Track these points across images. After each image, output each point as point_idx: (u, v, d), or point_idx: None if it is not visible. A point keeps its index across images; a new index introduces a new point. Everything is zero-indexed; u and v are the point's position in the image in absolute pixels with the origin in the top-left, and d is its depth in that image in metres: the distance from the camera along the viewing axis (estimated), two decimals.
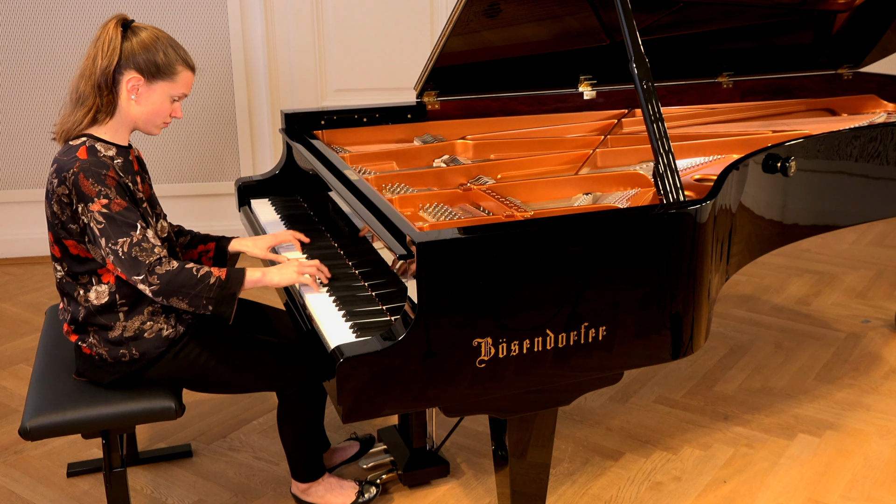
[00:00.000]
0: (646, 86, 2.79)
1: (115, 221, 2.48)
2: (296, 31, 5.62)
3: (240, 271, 2.61)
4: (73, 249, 2.60)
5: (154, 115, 2.65)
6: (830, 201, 3.46)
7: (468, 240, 2.30)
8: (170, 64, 2.61)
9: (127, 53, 2.57)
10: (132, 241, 2.48)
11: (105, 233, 2.48)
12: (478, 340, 2.33)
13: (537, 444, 2.67)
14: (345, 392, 2.27)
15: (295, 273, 2.71)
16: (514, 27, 3.52)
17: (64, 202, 2.53)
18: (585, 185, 3.11)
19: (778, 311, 4.86)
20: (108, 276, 2.63)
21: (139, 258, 2.48)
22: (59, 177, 2.52)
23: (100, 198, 2.48)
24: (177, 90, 2.66)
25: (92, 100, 2.59)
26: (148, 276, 2.48)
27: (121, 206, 2.50)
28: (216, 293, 2.55)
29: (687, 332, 2.62)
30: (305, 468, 3.08)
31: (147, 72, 2.59)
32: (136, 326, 2.65)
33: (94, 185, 2.48)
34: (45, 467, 3.44)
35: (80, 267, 2.63)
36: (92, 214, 2.48)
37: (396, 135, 3.65)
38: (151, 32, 2.61)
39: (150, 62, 2.58)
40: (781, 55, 4.27)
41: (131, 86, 2.59)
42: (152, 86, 2.61)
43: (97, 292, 2.64)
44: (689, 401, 3.90)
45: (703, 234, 2.58)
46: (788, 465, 3.42)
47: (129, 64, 2.57)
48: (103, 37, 2.57)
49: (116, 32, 2.57)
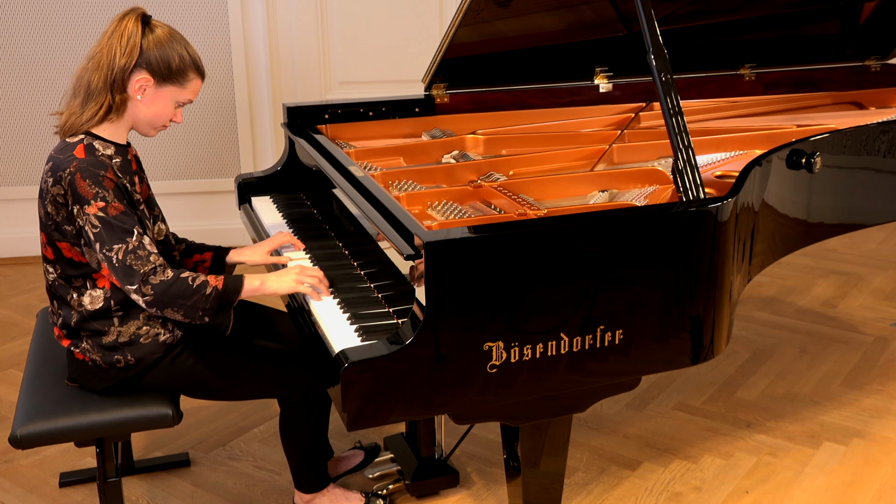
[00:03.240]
0: (664, 78, 2.79)
1: (111, 226, 2.47)
2: (298, 20, 5.63)
3: (237, 279, 2.61)
4: (67, 252, 2.60)
5: (156, 117, 2.66)
6: (857, 199, 3.45)
7: (479, 239, 2.30)
8: (183, 69, 2.63)
9: (143, 52, 2.57)
10: (127, 247, 2.47)
11: (100, 238, 2.48)
12: (489, 344, 2.33)
13: (551, 452, 2.67)
14: (350, 398, 2.27)
15: (294, 282, 2.69)
16: (526, 17, 3.52)
17: (59, 202, 2.52)
18: (601, 181, 3.11)
19: (802, 314, 4.86)
20: (104, 280, 2.63)
21: (133, 266, 2.47)
22: (55, 176, 2.52)
23: (96, 200, 2.47)
24: (184, 96, 2.67)
25: (104, 97, 2.58)
26: (142, 286, 2.47)
27: (118, 210, 2.49)
28: (213, 303, 2.54)
29: (707, 336, 2.61)
30: (310, 478, 3.08)
31: (158, 74, 2.60)
32: (132, 331, 2.66)
33: (92, 186, 2.47)
34: (37, 477, 3.44)
35: (74, 270, 2.63)
36: (87, 217, 2.47)
37: (404, 129, 3.65)
38: (168, 32, 2.62)
39: (163, 64, 2.59)
40: (806, 46, 4.26)
41: (139, 86, 2.59)
42: (160, 88, 2.62)
43: (91, 297, 2.64)
44: (710, 407, 3.89)
45: (724, 234, 2.57)
46: (814, 474, 3.41)
47: (142, 63, 2.58)
48: (123, 31, 2.57)
49: (137, 28, 2.57)
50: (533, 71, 3.81)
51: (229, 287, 2.58)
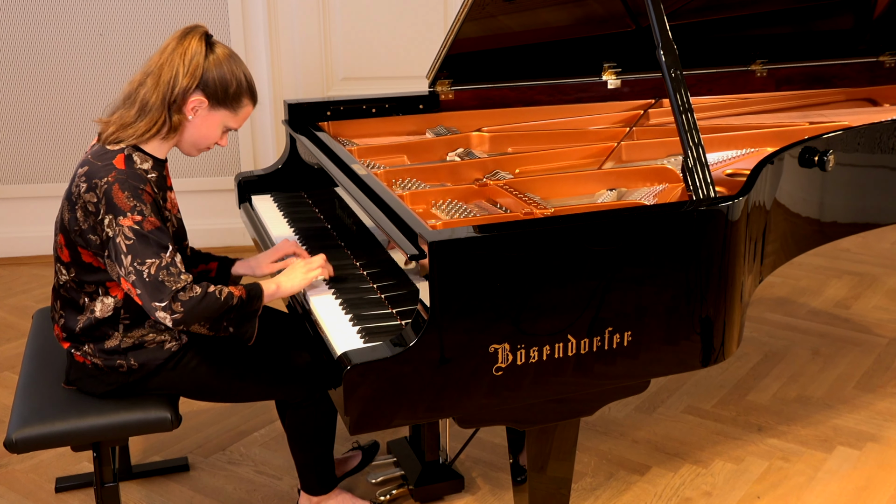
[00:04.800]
0: (674, 74, 2.79)
1: (148, 240, 2.46)
2: (300, 14, 5.62)
3: (257, 286, 2.63)
4: (87, 257, 2.59)
5: (203, 139, 2.68)
6: (871, 197, 3.45)
7: (484, 239, 2.30)
8: (239, 95, 2.64)
9: (204, 73, 2.58)
10: (161, 263, 2.46)
11: (133, 250, 2.45)
12: (494, 346, 2.33)
13: (558, 457, 2.67)
14: (352, 401, 2.27)
15: (303, 274, 2.73)
16: (532, 11, 3.52)
17: (89, 210, 2.50)
18: (609, 180, 3.11)
19: (815, 315, 4.85)
20: (117, 289, 2.63)
21: (165, 283, 2.45)
22: (90, 182, 2.50)
23: (133, 213, 2.45)
24: (234, 122, 2.68)
25: (159, 114, 2.57)
26: (171, 304, 2.45)
27: (153, 225, 2.48)
28: (237, 314, 2.56)
29: (718, 338, 2.61)
30: (318, 480, 3.07)
31: (213, 97, 2.60)
32: (137, 336, 2.66)
33: (130, 199, 2.46)
34: (32, 482, 3.45)
35: (90, 276, 2.62)
36: (121, 229, 2.45)
37: (407, 126, 3.66)
38: (228, 53, 2.63)
39: (220, 88, 2.60)
40: (819, 41, 4.26)
41: (192, 107, 2.60)
42: (213, 111, 2.63)
43: (103, 304, 2.64)
44: (721, 411, 3.89)
45: (735, 233, 2.57)
46: (827, 479, 3.41)
47: (200, 85, 2.58)
48: (186, 50, 2.57)
49: (201, 48, 2.58)
50: (539, 67, 3.81)
51: (252, 296, 2.60)
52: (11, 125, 5.54)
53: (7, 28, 5.36)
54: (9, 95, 5.48)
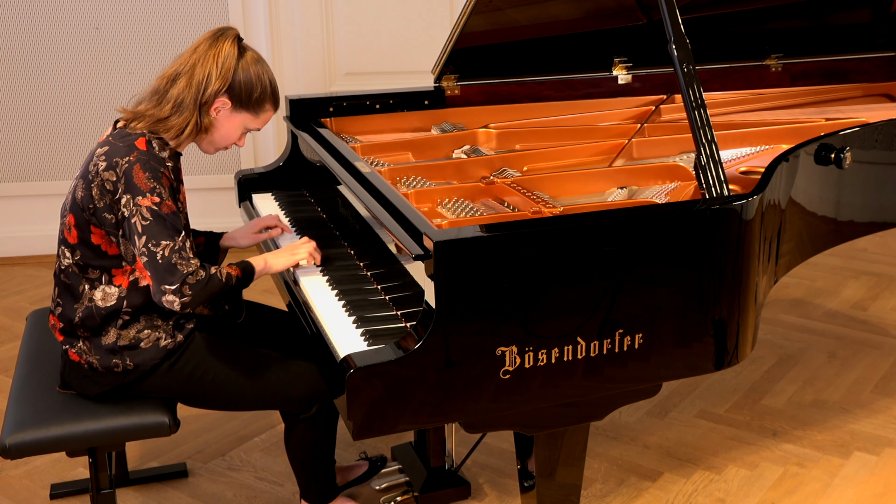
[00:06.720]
0: (686, 69, 2.79)
1: (164, 222, 2.53)
2: (302, 7, 5.63)
3: (248, 265, 2.75)
4: (96, 238, 2.63)
5: (222, 139, 2.77)
6: (889, 196, 3.45)
7: (491, 238, 2.30)
8: (262, 100, 2.75)
9: (234, 76, 2.68)
10: (174, 245, 2.53)
11: (148, 230, 2.52)
12: (501, 349, 2.33)
13: (567, 463, 2.67)
14: (356, 406, 2.27)
15: (290, 255, 2.87)
16: (541, 4, 3.52)
17: (106, 189, 2.56)
18: (620, 178, 3.11)
19: (832, 317, 4.85)
20: (122, 278, 2.66)
21: (178, 266, 2.52)
22: (110, 161, 2.56)
23: (152, 194, 2.53)
24: (254, 125, 2.79)
25: (189, 113, 2.66)
26: (181, 287, 2.52)
27: (170, 209, 2.56)
28: (235, 292, 2.76)
29: (732, 340, 2.61)
30: (318, 490, 3.07)
31: (237, 99, 2.70)
32: (133, 335, 2.67)
33: (150, 180, 2.54)
34: (26, 488, 3.45)
35: (95, 260, 2.65)
36: (139, 208, 2.52)
37: (412, 123, 3.66)
38: (256, 58, 2.74)
39: (245, 91, 2.70)
40: (835, 35, 4.25)
41: (216, 107, 2.69)
42: (235, 113, 2.73)
43: (105, 293, 2.66)
44: (734, 415, 3.89)
45: (749, 232, 2.57)
46: (843, 485, 3.41)
47: (228, 87, 2.68)
48: (219, 52, 2.66)
49: (233, 51, 2.67)
50: (548, 61, 3.81)
51: (246, 273, 2.73)
52: (3, 121, 5.54)
53: (0, 22, 5.37)
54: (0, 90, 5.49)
